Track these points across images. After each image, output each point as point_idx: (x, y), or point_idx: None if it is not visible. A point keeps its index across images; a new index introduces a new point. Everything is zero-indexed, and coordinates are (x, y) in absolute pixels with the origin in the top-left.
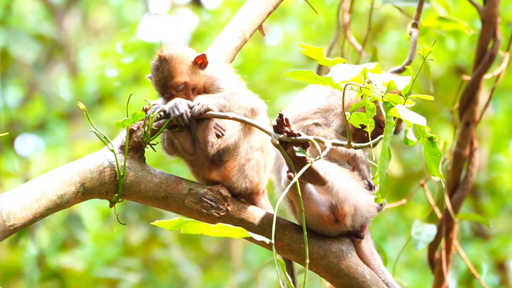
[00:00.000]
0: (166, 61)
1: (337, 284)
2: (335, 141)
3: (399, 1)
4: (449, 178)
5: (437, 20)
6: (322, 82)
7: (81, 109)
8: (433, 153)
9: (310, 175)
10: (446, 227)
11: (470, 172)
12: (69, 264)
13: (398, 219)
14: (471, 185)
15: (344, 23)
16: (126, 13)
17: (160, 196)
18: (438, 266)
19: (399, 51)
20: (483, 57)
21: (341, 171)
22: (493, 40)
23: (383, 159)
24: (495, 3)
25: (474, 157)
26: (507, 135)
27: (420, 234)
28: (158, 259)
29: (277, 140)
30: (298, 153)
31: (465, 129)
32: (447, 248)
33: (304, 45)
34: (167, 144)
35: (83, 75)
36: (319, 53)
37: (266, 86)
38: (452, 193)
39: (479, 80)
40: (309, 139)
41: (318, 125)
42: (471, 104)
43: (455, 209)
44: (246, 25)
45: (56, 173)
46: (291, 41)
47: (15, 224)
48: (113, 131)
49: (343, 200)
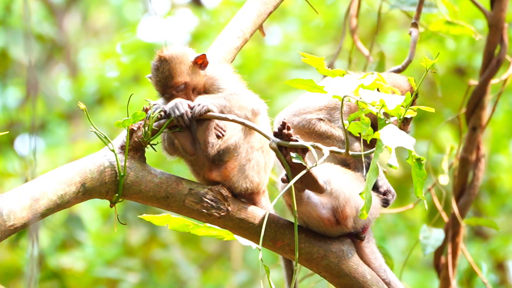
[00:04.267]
0: (166, 61)
1: (337, 284)
2: (333, 149)
3: (406, 6)
4: (456, 182)
5: (444, 24)
6: (321, 90)
7: (82, 109)
8: (419, 175)
9: (308, 182)
10: (453, 231)
11: (476, 177)
12: (69, 264)
13: (397, 219)
14: (477, 190)
15: (352, 28)
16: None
17: (160, 196)
18: (444, 271)
19: (399, 51)
20: (490, 62)
21: (343, 173)
22: (500, 44)
23: (371, 176)
24: (502, 8)
25: (481, 162)
26: (507, 136)
27: (428, 238)
28: (158, 259)
29: (275, 144)
30: (295, 160)
31: (471, 134)
32: (453, 252)
33: (305, 54)
34: (167, 144)
35: (83, 75)
36: (320, 63)
37: (266, 86)
38: (459, 198)
39: (486, 85)
40: (307, 145)
41: (321, 120)
42: (478, 109)
43: (461, 213)
44: (246, 25)
45: (56, 173)
46: (291, 41)
47: (15, 224)
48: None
49: (345, 204)
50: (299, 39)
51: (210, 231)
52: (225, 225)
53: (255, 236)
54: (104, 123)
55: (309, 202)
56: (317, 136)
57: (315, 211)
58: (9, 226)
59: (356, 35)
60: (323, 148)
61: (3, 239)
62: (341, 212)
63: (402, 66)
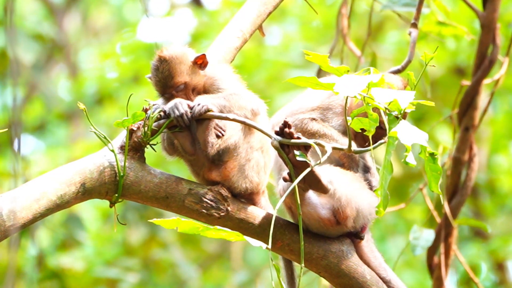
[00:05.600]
0: (166, 62)
1: (337, 284)
2: (335, 145)
3: (399, 6)
4: (448, 183)
5: (436, 25)
6: (324, 87)
7: (81, 109)
8: (434, 170)
9: (312, 181)
10: (445, 232)
11: (469, 177)
12: (68, 264)
13: (397, 219)
14: (470, 190)
15: (343, 28)
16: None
17: (160, 196)
18: (437, 271)
19: (398, 52)
20: (482, 62)
21: (343, 174)
22: (492, 45)
23: (385, 173)
24: (494, 8)
25: (473, 162)
26: (507, 136)
27: (418, 239)
28: (158, 259)
29: (277, 142)
30: (299, 157)
31: (464, 134)
32: (446, 253)
33: (308, 52)
34: (167, 144)
35: (83, 76)
36: (324, 59)
37: (266, 86)
38: (451, 198)
39: (479, 85)
40: (309, 142)
41: (314, 119)
42: (471, 109)
43: (454, 214)
44: (246, 25)
45: (56, 173)
46: (290, 41)
47: (15, 224)
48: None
49: (346, 204)
50: (298, 39)
51: (220, 233)
52: (225, 225)
53: (255, 236)
54: (104, 123)
55: (309, 203)
56: (310, 136)
57: (315, 211)
58: (9, 226)
59: (348, 36)
60: (325, 145)
61: (3, 239)
62: (342, 212)
63: (401, 66)
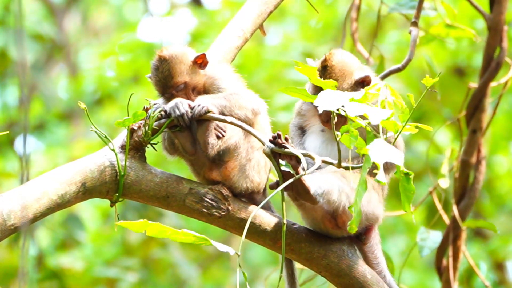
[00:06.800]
0: (166, 61)
1: (337, 283)
2: (325, 159)
3: (405, 9)
4: (456, 185)
5: (444, 27)
6: (311, 100)
7: (82, 108)
8: (407, 190)
9: (301, 192)
10: (454, 234)
11: (477, 179)
12: (68, 264)
13: (397, 219)
14: (478, 193)
15: (352, 30)
16: (126, 13)
17: (161, 195)
18: (445, 274)
19: (399, 51)
20: (489, 64)
21: (340, 179)
22: (499, 47)
23: (360, 189)
24: (501, 10)
25: (481, 164)
26: (506, 136)
27: (425, 240)
28: (157, 259)
29: (268, 150)
30: (284, 167)
31: (472, 137)
32: (454, 255)
33: (298, 63)
34: (167, 144)
35: (83, 75)
36: (313, 72)
37: (266, 86)
38: (459, 201)
39: (486, 88)
40: (298, 154)
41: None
42: (478, 112)
43: (462, 216)
44: (247, 25)
45: (57, 172)
46: (290, 41)
47: (15, 223)
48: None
49: (342, 213)
50: (298, 39)
51: (188, 237)
52: (225, 225)
53: (255, 235)
54: (104, 123)
55: (313, 206)
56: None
57: (318, 213)
58: (9, 226)
59: (356, 37)
60: (315, 158)
61: (3, 239)
62: (339, 218)
63: (402, 65)
